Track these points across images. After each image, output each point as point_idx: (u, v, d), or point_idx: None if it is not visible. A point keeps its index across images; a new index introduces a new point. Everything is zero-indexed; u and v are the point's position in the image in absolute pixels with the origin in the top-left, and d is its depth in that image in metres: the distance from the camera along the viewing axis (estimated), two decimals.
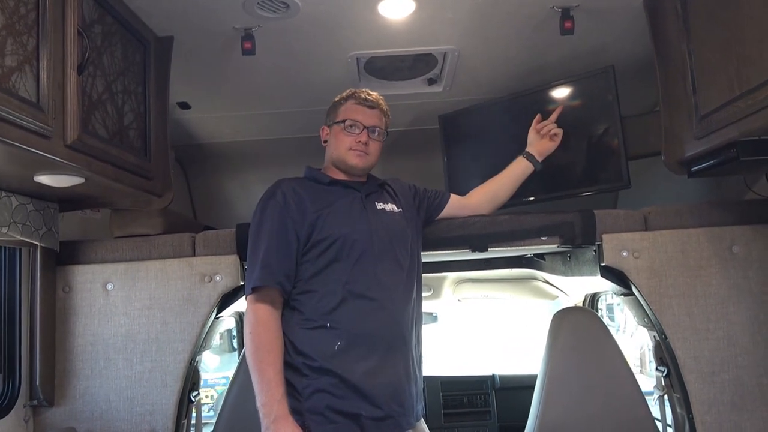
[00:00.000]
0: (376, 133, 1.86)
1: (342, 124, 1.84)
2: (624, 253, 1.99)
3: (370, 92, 1.89)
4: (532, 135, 2.18)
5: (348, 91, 1.91)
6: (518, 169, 2.12)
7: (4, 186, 1.71)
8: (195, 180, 3.31)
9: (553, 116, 2.18)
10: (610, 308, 4.67)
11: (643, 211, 2.06)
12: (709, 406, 1.89)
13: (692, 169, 1.90)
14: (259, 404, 1.59)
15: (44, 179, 1.62)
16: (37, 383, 1.92)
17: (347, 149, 1.83)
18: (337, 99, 1.92)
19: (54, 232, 1.95)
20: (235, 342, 3.57)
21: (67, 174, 1.62)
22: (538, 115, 2.20)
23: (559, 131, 2.16)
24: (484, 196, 2.11)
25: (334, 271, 1.71)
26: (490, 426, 3.22)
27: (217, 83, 2.50)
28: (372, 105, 1.86)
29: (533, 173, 2.13)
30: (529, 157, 2.12)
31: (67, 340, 2.01)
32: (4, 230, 1.72)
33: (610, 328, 2.17)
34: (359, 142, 1.83)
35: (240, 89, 2.56)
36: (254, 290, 1.67)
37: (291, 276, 1.71)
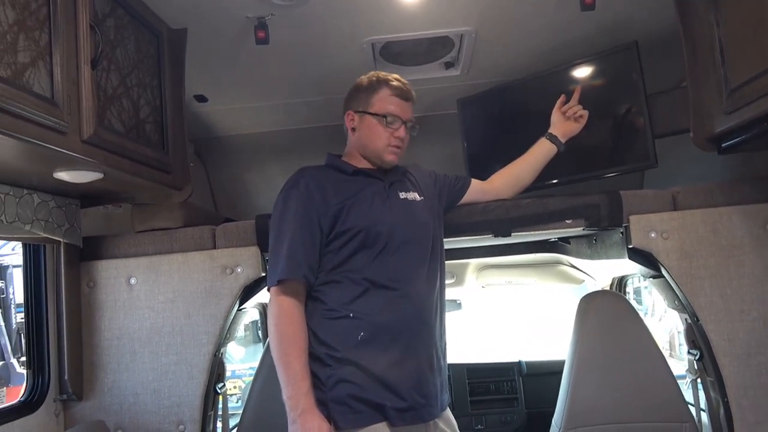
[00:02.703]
0: (410, 126, 1.82)
1: (383, 119, 1.78)
2: (652, 235, 1.93)
3: (399, 78, 1.82)
4: (556, 116, 2.12)
5: (374, 74, 1.84)
6: (541, 152, 2.06)
7: (25, 184, 1.73)
8: (215, 173, 3.31)
9: (575, 96, 2.11)
10: (637, 291, 4.59)
11: (671, 191, 1.99)
12: (746, 390, 1.84)
13: (722, 145, 1.84)
14: (285, 397, 1.59)
15: (63, 175, 1.62)
16: (66, 378, 1.95)
17: (386, 145, 1.79)
18: (365, 83, 1.82)
19: (76, 228, 1.97)
20: (260, 333, 3.59)
21: (85, 169, 1.62)
22: (563, 96, 2.13)
23: (585, 113, 2.09)
24: (507, 180, 2.06)
25: (356, 262, 1.69)
26: (517, 412, 3.19)
27: (233, 74, 2.48)
28: (407, 97, 1.81)
29: (557, 155, 2.07)
30: (553, 139, 2.07)
31: (93, 334, 2.03)
32: (28, 227, 1.74)
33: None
34: (397, 137, 1.78)
35: (256, 80, 2.54)
36: (279, 282, 1.65)
37: (315, 268, 1.69)
